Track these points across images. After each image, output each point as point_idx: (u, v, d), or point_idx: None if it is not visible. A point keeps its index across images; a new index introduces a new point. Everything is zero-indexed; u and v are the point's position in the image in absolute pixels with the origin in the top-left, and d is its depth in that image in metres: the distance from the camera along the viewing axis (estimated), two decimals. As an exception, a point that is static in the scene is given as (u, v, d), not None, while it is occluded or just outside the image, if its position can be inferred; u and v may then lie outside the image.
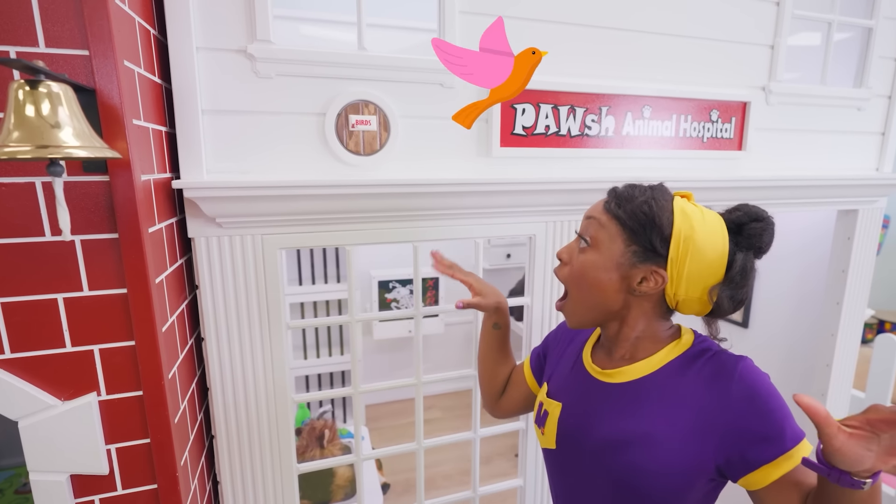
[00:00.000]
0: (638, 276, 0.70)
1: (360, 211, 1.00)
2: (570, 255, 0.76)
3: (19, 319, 0.68)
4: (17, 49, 0.62)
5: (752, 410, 0.65)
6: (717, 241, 0.68)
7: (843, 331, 1.63)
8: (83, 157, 0.54)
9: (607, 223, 0.71)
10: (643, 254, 0.69)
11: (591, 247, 0.72)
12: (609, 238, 0.71)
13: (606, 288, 0.71)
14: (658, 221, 0.68)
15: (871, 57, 1.44)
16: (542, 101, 1.12)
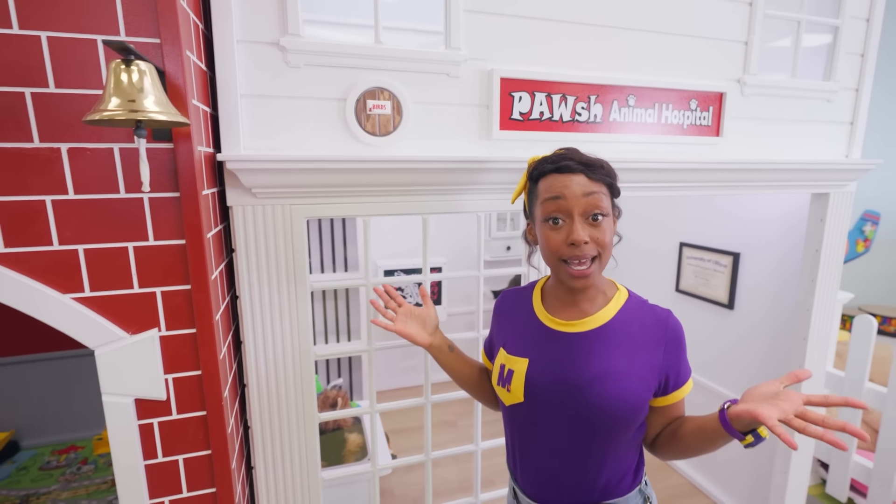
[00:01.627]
0: (616, 219, 0.88)
1: (375, 185, 1.14)
2: (590, 233, 0.82)
3: (97, 263, 0.82)
4: (102, 37, 0.76)
5: (677, 351, 0.87)
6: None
7: (818, 306, 1.76)
8: (163, 120, 0.68)
9: (602, 190, 0.84)
10: (614, 201, 0.88)
11: (605, 216, 0.84)
12: (607, 201, 0.85)
13: (610, 244, 0.86)
14: (615, 173, 0.87)
15: (839, 53, 1.58)
16: (536, 90, 1.26)
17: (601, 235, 0.83)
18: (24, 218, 0.77)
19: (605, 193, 0.85)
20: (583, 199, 0.82)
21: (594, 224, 0.83)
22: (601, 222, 0.83)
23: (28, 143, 0.75)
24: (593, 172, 0.84)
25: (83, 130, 0.77)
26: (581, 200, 0.82)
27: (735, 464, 2.21)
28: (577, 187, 0.82)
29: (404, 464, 1.43)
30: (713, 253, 2.29)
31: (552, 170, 0.85)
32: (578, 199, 0.82)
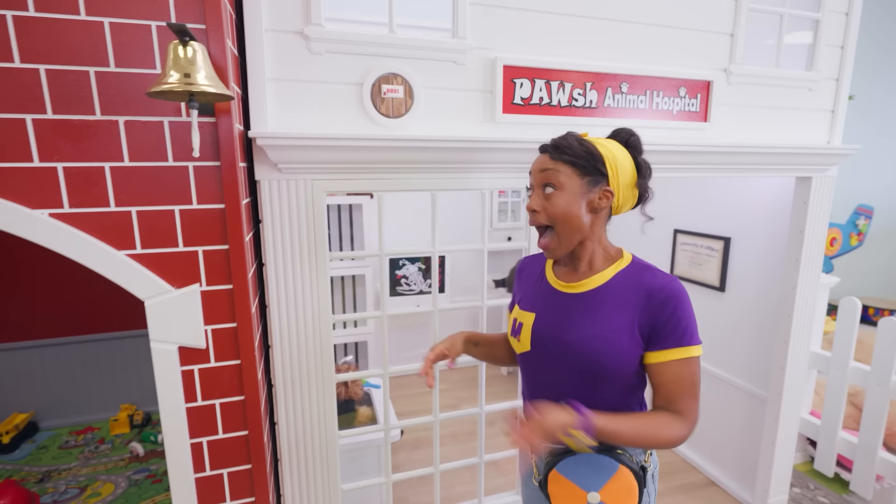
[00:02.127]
0: (595, 198, 0.95)
1: (389, 162, 1.25)
2: (541, 203, 0.95)
3: (147, 224, 0.92)
4: (156, 23, 0.87)
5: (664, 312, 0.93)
6: (624, 154, 0.97)
7: (802, 284, 1.87)
8: (212, 92, 0.79)
9: (563, 168, 0.94)
10: (592, 180, 0.95)
11: (558, 189, 0.95)
12: (568, 178, 0.94)
13: (579, 214, 0.95)
14: (594, 154, 0.95)
15: (820, 45, 1.68)
16: (536, 77, 1.37)
17: (550, 206, 0.94)
18: (86, 182, 0.88)
19: (564, 170, 0.94)
20: (539, 175, 0.96)
21: (546, 197, 0.95)
22: (552, 195, 0.94)
23: (91, 115, 0.86)
24: (556, 152, 0.95)
25: (138, 105, 0.88)
26: (538, 176, 0.96)
27: (726, 440, 2.32)
28: (538, 164, 0.97)
29: (413, 424, 1.53)
30: (705, 238, 2.39)
31: (540, 149, 0.99)
32: (537, 175, 0.96)
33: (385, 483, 1.48)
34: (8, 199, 0.84)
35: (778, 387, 1.97)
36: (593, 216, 0.96)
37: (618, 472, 0.97)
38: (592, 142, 0.97)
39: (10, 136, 0.84)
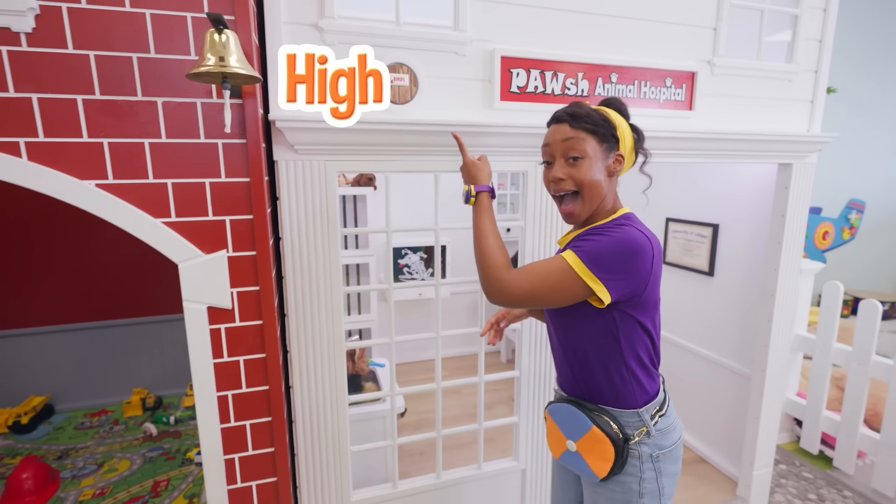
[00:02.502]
0: (611, 162, 1.05)
1: (396, 144, 1.35)
2: (567, 171, 1.03)
3: (181, 194, 1.03)
4: (191, 14, 0.97)
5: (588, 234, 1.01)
6: (624, 121, 1.08)
7: (784, 266, 1.97)
8: (243, 74, 0.90)
9: (585, 136, 1.03)
10: (609, 147, 1.05)
11: (583, 158, 1.03)
12: (590, 146, 1.03)
13: (601, 179, 1.04)
14: (609, 121, 1.04)
15: (799, 38, 1.79)
16: (532, 68, 1.47)
17: (578, 173, 1.02)
18: (128, 156, 0.99)
19: (587, 139, 1.02)
20: (562, 144, 1.02)
21: (572, 164, 1.03)
22: (579, 163, 1.02)
23: (133, 96, 0.97)
24: (576, 121, 1.03)
25: (174, 87, 0.99)
26: (561, 145, 1.03)
27: (715, 419, 2.43)
28: (559, 134, 1.03)
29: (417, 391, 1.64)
30: (695, 226, 2.50)
31: (550, 121, 1.08)
32: (559, 145, 1.03)
33: (391, 445, 1.59)
34: (61, 171, 0.95)
35: (762, 365, 2.07)
36: (608, 180, 1.05)
37: (590, 431, 1.06)
38: (604, 110, 1.06)
39: (63, 114, 0.94)
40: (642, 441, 1.07)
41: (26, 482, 2.23)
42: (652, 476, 1.07)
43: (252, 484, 1.20)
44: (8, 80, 0.91)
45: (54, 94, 0.93)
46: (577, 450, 1.09)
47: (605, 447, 1.05)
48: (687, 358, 2.58)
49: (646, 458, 1.07)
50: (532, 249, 1.59)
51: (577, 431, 1.09)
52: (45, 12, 0.91)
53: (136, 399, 3.02)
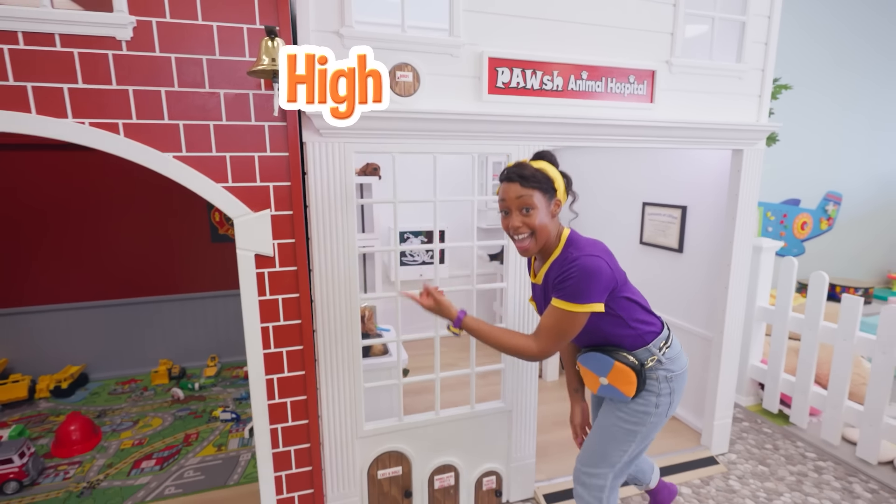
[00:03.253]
0: (552, 207, 1.38)
1: (402, 130, 1.65)
2: (522, 220, 1.34)
3: (236, 165, 1.33)
4: (247, 26, 1.28)
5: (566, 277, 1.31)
6: (555, 171, 1.39)
7: (738, 238, 2.27)
8: (289, 73, 1.19)
9: (532, 192, 1.34)
10: (549, 196, 1.37)
11: (533, 209, 1.35)
12: (537, 199, 1.35)
13: (547, 223, 1.36)
14: (549, 177, 1.36)
15: (746, 41, 2.09)
16: (514, 67, 1.77)
17: (531, 221, 1.34)
18: (198, 135, 1.29)
19: (534, 194, 1.33)
20: (516, 201, 1.33)
21: (525, 215, 1.34)
22: (531, 213, 1.33)
23: (202, 88, 1.27)
24: (525, 181, 1.32)
25: (233, 81, 1.29)
26: (515, 201, 1.34)
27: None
28: (512, 192, 1.33)
29: (415, 338, 1.93)
30: (667, 208, 2.80)
31: (503, 178, 1.39)
32: (514, 201, 1.34)
33: (396, 384, 1.89)
34: (148, 145, 1.25)
35: (720, 328, 2.37)
36: (552, 220, 1.39)
37: (615, 366, 1.43)
38: (539, 167, 1.36)
39: (150, 102, 1.24)
40: (657, 368, 1.44)
41: (73, 433, 2.53)
42: (667, 392, 1.46)
43: (287, 400, 1.50)
44: (112, 76, 1.21)
45: (144, 86, 1.23)
46: (609, 382, 1.46)
47: (628, 375, 1.40)
48: (660, 327, 2.88)
49: (662, 379, 1.44)
50: (516, 220, 1.88)
51: (604, 369, 1.45)
52: (140, 25, 1.20)
53: (163, 369, 3.32)
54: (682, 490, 2.21)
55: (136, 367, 3.46)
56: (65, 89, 1.18)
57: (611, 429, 1.50)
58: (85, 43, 1.18)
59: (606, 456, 1.50)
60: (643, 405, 1.45)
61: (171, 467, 2.36)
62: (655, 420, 1.47)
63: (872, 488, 2.22)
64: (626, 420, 1.47)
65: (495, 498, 2.09)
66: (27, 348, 3.21)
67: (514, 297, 1.94)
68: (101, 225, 3.24)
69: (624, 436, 1.48)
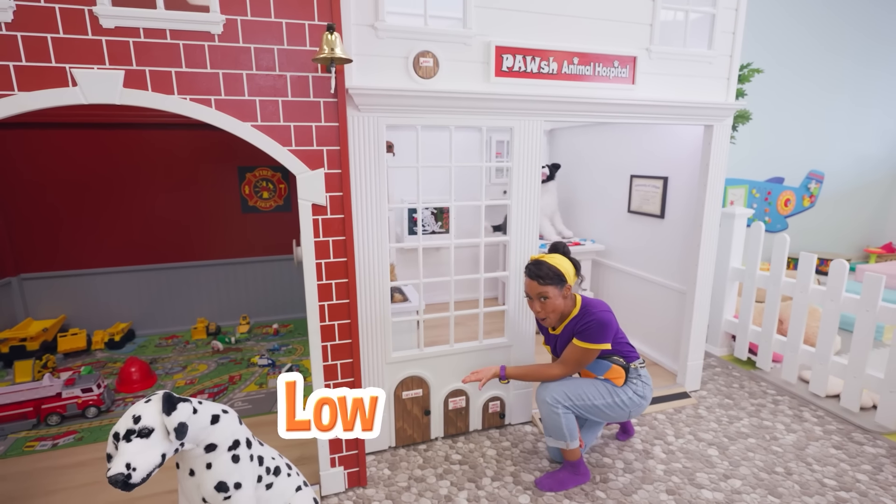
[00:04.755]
0: (564, 292, 1.92)
1: (424, 106, 2.01)
2: (541, 306, 1.98)
3: (298, 132, 1.70)
4: (308, 22, 1.63)
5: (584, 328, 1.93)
6: (565, 261, 1.99)
7: (708, 205, 2.64)
8: (343, 58, 1.55)
9: (548, 287, 1.93)
10: (560, 286, 1.91)
11: (549, 299, 1.93)
12: (551, 291, 1.92)
13: (560, 304, 1.93)
14: (559, 273, 1.90)
15: (716, 31, 2.43)
16: (517, 54, 2.12)
17: (547, 307, 1.98)
18: (270, 108, 1.65)
19: (548, 288, 1.94)
20: (535, 291, 1.99)
21: (543, 302, 1.97)
22: (547, 301, 1.97)
23: (273, 71, 1.63)
24: (542, 280, 1.94)
25: (298, 65, 1.65)
26: (534, 292, 1.99)
27: (662, 329, 3.11)
28: (532, 287, 1.99)
29: (434, 281, 2.31)
30: (651, 179, 3.16)
31: (526, 274, 2.02)
32: (534, 292, 1.99)
33: (418, 319, 2.27)
34: (232, 116, 1.61)
35: (693, 280, 2.75)
36: (564, 300, 1.95)
37: (611, 367, 2.03)
38: (552, 263, 1.95)
39: (235, 83, 1.60)
40: (637, 378, 2.05)
41: (134, 374, 2.93)
42: (640, 395, 2.05)
43: (335, 323, 1.89)
44: (207, 62, 1.57)
45: (231, 69, 1.59)
46: (605, 377, 2.04)
47: (619, 371, 2.06)
48: (643, 284, 3.27)
49: (640, 385, 2.07)
50: (518, 182, 2.25)
51: (602, 370, 2.05)
52: (228, 22, 1.56)
53: (201, 326, 3.72)
54: (658, 416, 2.61)
55: (176, 324, 3.85)
56: (172, 72, 1.54)
57: (596, 382, 2.04)
58: (188, 36, 1.53)
59: (580, 391, 1.99)
60: (624, 391, 2.04)
61: (222, 400, 2.76)
62: (627, 404, 2.01)
63: (819, 415, 2.62)
64: (605, 385, 2.02)
65: (499, 419, 2.49)
66: (83, 306, 3.61)
67: (515, 253, 2.31)
68: (145, 198, 3.61)
69: (603, 391, 2.01)
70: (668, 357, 3.11)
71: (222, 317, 3.95)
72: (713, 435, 2.43)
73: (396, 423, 2.31)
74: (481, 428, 2.47)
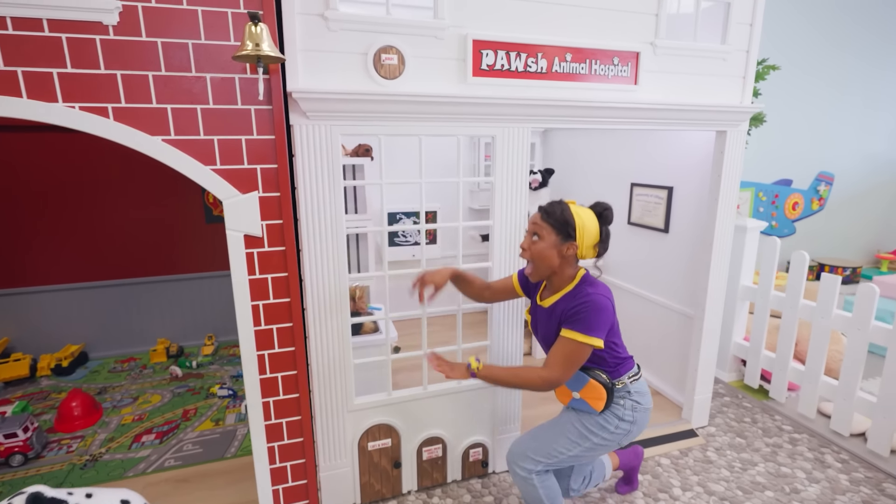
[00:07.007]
0: (564, 249, 1.49)
1: (387, 112, 1.68)
2: (528, 244, 1.53)
3: (224, 148, 1.37)
4: (231, 10, 1.30)
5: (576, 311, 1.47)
6: (593, 223, 1.50)
7: (720, 218, 2.32)
8: (272, 56, 1.22)
9: (546, 226, 1.49)
10: (563, 238, 1.49)
11: (540, 239, 1.50)
12: (547, 233, 1.49)
13: (551, 257, 1.50)
14: (569, 222, 1.47)
15: (731, 22, 2.11)
16: (499, 49, 1.79)
17: (533, 248, 1.52)
18: (186, 118, 1.32)
19: (548, 228, 1.49)
20: (532, 226, 1.54)
21: (533, 241, 1.52)
22: (536, 241, 1.51)
23: (189, 72, 1.30)
24: (546, 215, 1.50)
25: (219, 65, 1.32)
26: (531, 226, 1.54)
27: (666, 356, 2.81)
28: (533, 218, 1.54)
29: (404, 316, 2.00)
30: (654, 189, 2.84)
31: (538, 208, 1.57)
32: (531, 225, 1.54)
33: (385, 360, 1.96)
34: (137, 129, 1.29)
35: (702, 305, 2.44)
36: (562, 260, 1.52)
37: (589, 383, 1.56)
38: (573, 211, 1.50)
39: (138, 86, 1.27)
40: (627, 396, 1.58)
41: (75, 409, 2.61)
42: (629, 420, 1.59)
43: (278, 375, 1.57)
44: (100, 61, 1.23)
45: (132, 70, 1.26)
46: (581, 396, 1.60)
47: (599, 391, 1.55)
48: (645, 305, 2.96)
49: (629, 407, 1.59)
50: (501, 199, 1.93)
51: (579, 385, 1.59)
52: (126, 10, 1.23)
53: (161, 348, 3.40)
54: (662, 461, 2.31)
55: (134, 345, 3.53)
56: (54, 74, 1.21)
57: (565, 426, 1.64)
58: (72, 28, 1.21)
59: (549, 445, 1.63)
60: (605, 421, 1.59)
61: (171, 441, 2.44)
62: (609, 438, 1.60)
63: (843, 458, 2.31)
64: (583, 425, 1.61)
65: (482, 468, 2.19)
66: (28, 328, 3.28)
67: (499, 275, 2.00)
68: (98, 206, 3.27)
69: (574, 437, 1.61)
70: (672, 387, 2.80)
71: (186, 336, 3.63)
72: (725, 486, 2.13)
73: (362, 477, 1.99)
74: (461, 478, 2.17)
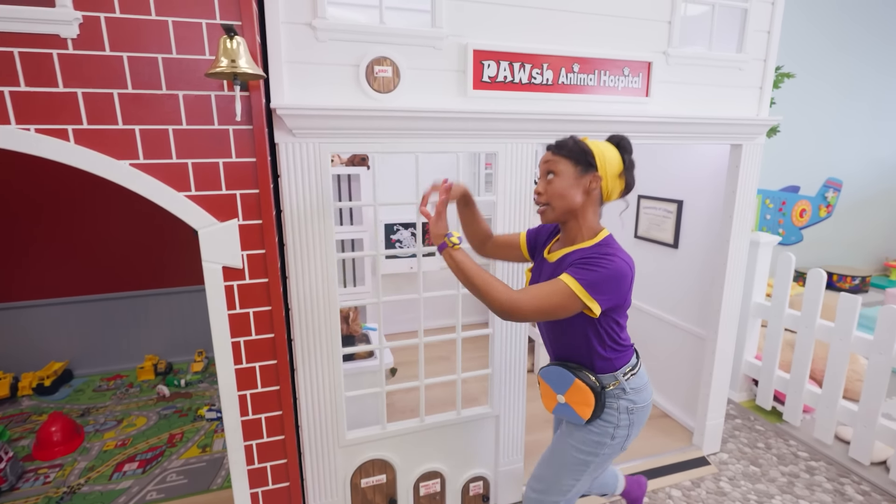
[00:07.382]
0: (587, 181, 1.28)
1: (381, 129, 1.55)
2: (544, 186, 1.30)
3: (199, 172, 1.24)
4: (206, 21, 1.17)
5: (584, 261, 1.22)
6: (613, 152, 1.31)
7: (734, 236, 2.20)
8: (250, 73, 1.10)
9: (560, 160, 1.29)
10: (584, 169, 1.28)
11: (556, 176, 1.28)
12: (564, 166, 1.28)
13: (573, 194, 1.28)
14: (585, 149, 1.28)
15: (748, 30, 1.98)
16: (501, 59, 1.67)
17: (549, 188, 1.29)
18: (156, 140, 1.19)
19: (561, 161, 1.27)
20: (544, 165, 1.31)
21: (549, 181, 1.29)
22: (552, 180, 1.29)
23: (159, 90, 1.17)
24: (557, 149, 1.29)
25: (193, 82, 1.19)
26: (543, 166, 1.31)
27: (676, 378, 2.68)
28: (544, 158, 1.32)
29: (402, 345, 1.87)
30: (663, 202, 2.72)
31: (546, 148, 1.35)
32: (542, 166, 1.31)
33: (380, 392, 1.83)
34: (101, 152, 1.16)
35: (715, 326, 2.31)
36: (585, 197, 1.29)
37: (574, 383, 1.33)
38: (586, 141, 1.31)
39: (102, 106, 1.14)
40: (620, 396, 1.34)
41: (55, 434, 2.48)
42: (626, 424, 1.36)
43: (261, 416, 1.44)
44: (58, 78, 1.11)
45: (95, 88, 1.13)
46: (566, 401, 1.37)
47: (586, 395, 1.31)
48: (653, 323, 2.83)
49: (623, 410, 1.35)
50: (503, 221, 1.80)
51: (563, 386, 1.36)
52: (86, 21, 1.10)
53: (149, 365, 3.27)
54: (672, 493, 2.18)
55: (121, 362, 3.40)
56: (6, 93, 1.08)
57: (563, 455, 1.43)
58: (26, 41, 1.07)
59: (558, 482, 1.43)
60: (598, 435, 1.36)
61: (154, 470, 2.31)
62: (609, 451, 1.39)
63: (864, 490, 2.19)
64: (579, 449, 1.39)
65: (483, 503, 2.06)
66: (9, 345, 3.14)
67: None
68: (83, 219, 3.14)
69: (576, 465, 1.40)
70: (682, 410, 2.67)
71: (175, 352, 3.49)
72: (741, 523, 2.00)
73: (355, 516, 1.87)
74: (461, 514, 2.04)
